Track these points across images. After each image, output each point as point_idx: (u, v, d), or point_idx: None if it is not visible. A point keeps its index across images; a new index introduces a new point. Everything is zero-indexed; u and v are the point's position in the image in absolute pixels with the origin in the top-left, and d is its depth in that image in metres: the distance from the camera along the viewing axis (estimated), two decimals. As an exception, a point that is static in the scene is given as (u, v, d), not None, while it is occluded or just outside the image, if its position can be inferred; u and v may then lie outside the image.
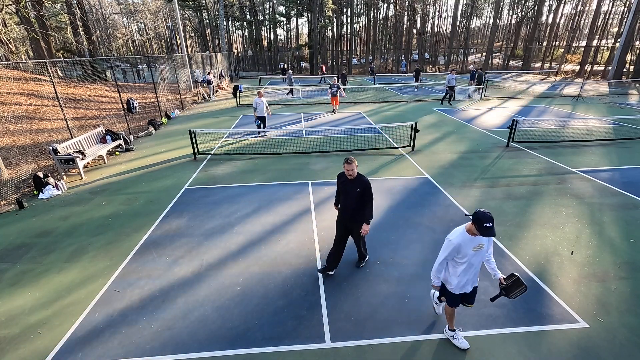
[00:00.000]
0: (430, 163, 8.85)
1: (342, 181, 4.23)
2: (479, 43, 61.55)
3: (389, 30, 48.98)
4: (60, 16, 31.52)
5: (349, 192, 4.13)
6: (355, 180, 4.08)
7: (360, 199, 4.11)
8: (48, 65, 9.93)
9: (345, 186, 4.17)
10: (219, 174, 8.36)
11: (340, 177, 4.27)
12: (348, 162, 3.97)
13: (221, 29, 37.23)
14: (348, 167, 3.98)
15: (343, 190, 4.22)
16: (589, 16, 43.84)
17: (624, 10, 34.34)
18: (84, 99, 17.12)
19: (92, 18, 36.72)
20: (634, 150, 9.64)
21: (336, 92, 15.27)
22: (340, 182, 4.26)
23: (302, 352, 3.45)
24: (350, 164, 3.96)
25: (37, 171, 7.80)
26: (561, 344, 3.47)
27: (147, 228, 5.89)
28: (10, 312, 4.07)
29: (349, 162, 3.97)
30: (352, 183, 4.08)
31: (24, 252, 5.29)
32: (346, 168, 4.01)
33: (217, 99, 21.26)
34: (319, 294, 4.25)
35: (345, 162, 3.99)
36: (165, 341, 3.60)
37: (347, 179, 4.12)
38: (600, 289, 4.22)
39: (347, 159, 3.99)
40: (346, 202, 4.21)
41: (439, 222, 5.89)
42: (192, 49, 53.91)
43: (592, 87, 23.65)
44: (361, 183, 4.06)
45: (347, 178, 4.10)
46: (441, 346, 3.48)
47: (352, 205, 4.17)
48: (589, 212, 6.15)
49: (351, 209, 4.20)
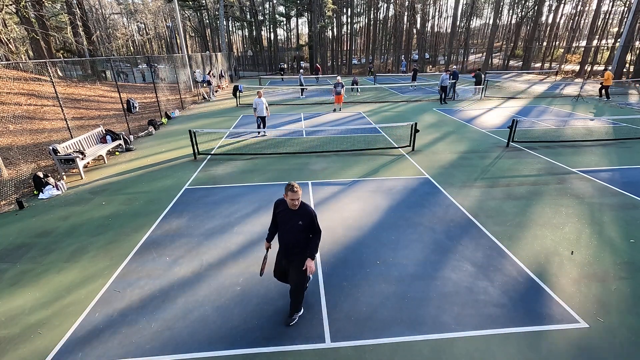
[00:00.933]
0: (430, 163, 8.85)
1: (280, 211, 3.49)
2: (479, 43, 61.55)
3: (389, 30, 48.98)
4: (60, 16, 31.52)
5: (289, 224, 3.43)
6: (298, 210, 3.39)
7: (304, 233, 3.45)
8: (48, 65, 9.92)
9: (284, 217, 3.45)
10: (219, 174, 8.36)
11: (278, 205, 3.56)
12: (293, 190, 3.26)
13: (221, 29, 37.23)
14: (292, 196, 3.27)
15: (282, 222, 3.48)
16: (589, 16, 43.85)
17: (624, 10, 34.35)
18: (84, 99, 17.13)
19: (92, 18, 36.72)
20: (634, 150, 9.64)
21: (340, 91, 15.76)
22: (279, 211, 3.51)
23: (302, 352, 3.45)
24: (296, 192, 3.27)
25: (37, 171, 7.80)
26: (561, 344, 3.47)
27: (147, 228, 5.89)
28: (10, 312, 4.07)
29: (294, 190, 3.26)
30: (294, 214, 3.39)
31: (24, 252, 5.29)
32: (290, 197, 3.29)
33: (217, 99, 21.26)
34: (319, 294, 4.24)
35: (289, 189, 3.28)
36: (165, 341, 3.60)
37: (287, 208, 3.43)
38: (600, 289, 4.22)
39: (291, 186, 3.28)
40: (285, 236, 3.50)
41: (439, 222, 5.89)
42: (192, 49, 53.92)
43: (592, 87, 23.64)
44: (306, 214, 3.40)
45: (288, 208, 3.42)
46: (441, 346, 3.48)
47: (292, 240, 3.47)
48: (589, 212, 6.15)
49: (291, 244, 3.49)
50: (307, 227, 3.44)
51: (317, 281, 4.47)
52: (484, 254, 4.96)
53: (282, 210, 3.47)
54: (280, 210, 3.50)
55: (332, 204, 6.64)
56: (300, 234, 3.44)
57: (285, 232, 3.48)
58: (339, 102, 16.09)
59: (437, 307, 3.98)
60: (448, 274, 4.53)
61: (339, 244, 5.28)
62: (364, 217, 6.08)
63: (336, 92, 15.83)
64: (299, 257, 3.48)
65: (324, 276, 4.56)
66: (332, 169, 8.52)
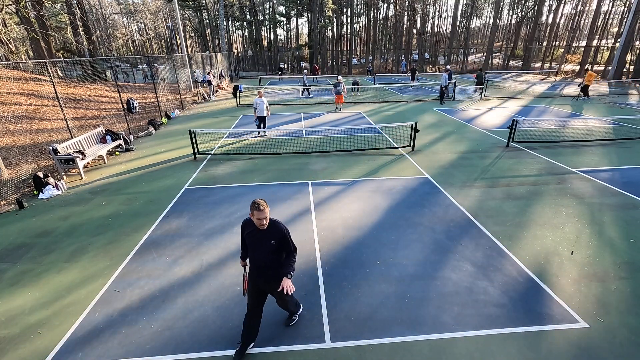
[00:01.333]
0: (430, 163, 8.85)
1: (249, 232, 3.14)
2: (479, 43, 61.55)
3: (389, 30, 48.99)
4: (60, 16, 31.53)
5: (259, 245, 3.10)
6: (268, 230, 3.05)
7: (277, 253, 3.14)
8: (48, 65, 9.93)
9: (254, 239, 3.11)
10: (219, 174, 8.36)
11: (246, 226, 3.21)
12: (258, 209, 2.90)
13: (221, 29, 37.23)
14: (259, 214, 2.91)
15: (251, 244, 3.14)
16: (589, 16, 43.84)
17: (624, 10, 34.34)
18: (84, 99, 17.13)
19: (92, 18, 36.73)
20: (634, 150, 9.64)
21: (341, 91, 15.93)
22: (247, 233, 3.17)
23: (302, 352, 3.45)
24: (262, 210, 2.91)
25: (37, 171, 7.80)
26: (561, 344, 3.47)
27: (147, 228, 5.89)
28: (10, 312, 4.07)
29: (259, 209, 2.90)
30: (265, 234, 3.06)
31: (24, 252, 5.29)
32: (256, 217, 2.93)
33: (217, 99, 21.26)
34: (319, 294, 4.24)
35: (254, 208, 2.92)
36: (165, 341, 3.60)
37: (256, 229, 3.08)
38: (600, 289, 4.22)
39: (256, 205, 2.92)
40: (257, 258, 3.16)
41: (439, 222, 5.89)
42: (192, 49, 53.93)
43: (592, 87, 23.63)
44: (277, 232, 3.08)
45: (257, 228, 3.06)
46: (441, 346, 3.48)
47: (264, 261, 3.13)
48: (589, 212, 6.15)
49: (264, 267, 3.16)
50: (280, 247, 3.12)
51: (317, 281, 4.47)
52: (484, 254, 4.96)
53: (251, 232, 3.12)
54: (248, 232, 3.15)
55: (332, 204, 6.64)
56: (273, 255, 3.12)
57: (257, 254, 3.14)
58: (339, 101, 16.23)
59: (437, 307, 3.98)
60: (448, 274, 4.53)
61: (339, 244, 5.28)
62: (364, 217, 6.08)
63: (336, 91, 15.99)
64: (277, 281, 3.11)
65: (324, 276, 4.56)
66: (332, 169, 8.52)
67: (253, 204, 2.94)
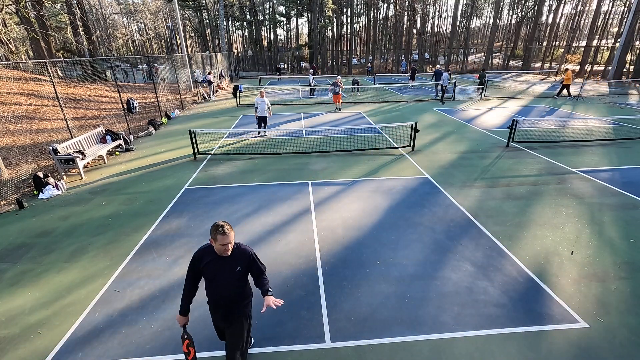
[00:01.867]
0: (430, 163, 8.85)
1: (207, 263, 2.64)
2: (479, 43, 61.55)
3: (389, 30, 49.00)
4: (60, 16, 31.53)
5: (222, 275, 2.65)
6: (232, 256, 2.63)
7: (243, 280, 2.74)
8: (48, 65, 9.93)
9: (214, 269, 2.64)
10: (219, 174, 8.36)
11: (200, 257, 2.67)
12: (223, 233, 2.47)
13: (221, 29, 37.23)
14: (223, 239, 2.48)
15: (211, 277, 2.67)
16: (589, 16, 43.85)
17: (624, 10, 34.34)
18: (84, 99, 17.12)
19: (92, 18, 36.73)
20: (634, 150, 9.64)
21: (338, 91, 16.05)
22: (204, 264, 2.64)
23: (302, 352, 3.45)
24: (227, 234, 2.49)
25: (37, 171, 7.80)
26: (561, 344, 3.47)
27: (147, 228, 5.89)
28: (10, 312, 4.07)
29: (224, 232, 2.48)
30: (228, 261, 2.63)
31: (24, 252, 5.29)
32: (220, 242, 2.49)
33: (217, 99, 21.26)
34: (319, 294, 4.24)
35: (218, 232, 2.47)
36: (165, 341, 3.60)
37: (217, 257, 2.62)
38: (600, 289, 4.22)
39: (220, 228, 2.48)
40: (219, 290, 2.70)
41: (439, 222, 5.89)
42: (192, 49, 53.93)
43: (592, 87, 23.64)
44: (243, 255, 2.69)
45: (218, 256, 2.61)
46: (441, 346, 3.48)
47: (228, 292, 2.71)
48: (589, 212, 6.15)
49: (229, 299, 2.74)
50: (246, 271, 2.71)
51: (317, 281, 4.47)
52: (483, 254, 4.96)
53: (210, 261, 2.63)
54: (206, 263, 2.63)
55: (332, 204, 6.64)
56: (239, 282, 2.70)
57: (219, 286, 2.67)
58: (336, 101, 16.32)
59: (437, 307, 3.98)
60: (448, 274, 4.53)
61: (339, 244, 5.28)
62: (364, 217, 6.08)
63: (334, 91, 16.14)
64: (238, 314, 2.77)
65: (324, 276, 4.56)
66: (332, 169, 8.52)
67: (216, 227, 2.49)
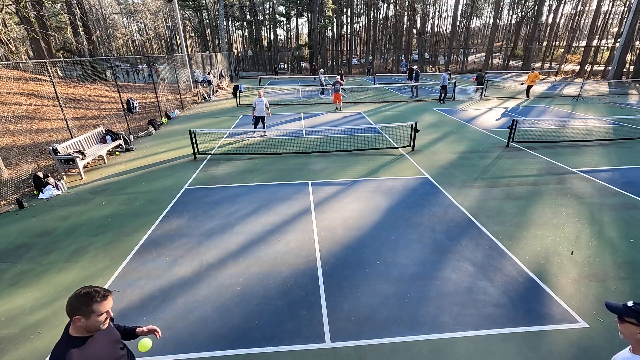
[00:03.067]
0: (430, 163, 8.85)
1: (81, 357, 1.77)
2: (479, 43, 61.55)
3: (389, 30, 49.00)
4: (60, 16, 31.53)
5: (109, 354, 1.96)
6: (108, 329, 2.01)
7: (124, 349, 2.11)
8: (48, 65, 9.91)
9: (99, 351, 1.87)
10: (219, 174, 8.36)
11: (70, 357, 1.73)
12: (105, 297, 1.81)
13: (221, 29, 37.23)
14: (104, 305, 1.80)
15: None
16: (589, 16, 43.86)
17: (624, 10, 34.34)
18: (84, 99, 17.12)
19: (92, 18, 36.72)
20: (634, 150, 9.64)
21: (338, 89, 16.12)
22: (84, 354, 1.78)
23: (302, 352, 3.45)
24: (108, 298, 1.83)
25: (37, 171, 7.80)
26: (561, 344, 3.47)
27: (147, 228, 5.89)
28: (10, 312, 4.07)
29: (105, 296, 1.81)
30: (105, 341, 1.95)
31: (24, 252, 5.29)
32: (101, 309, 1.79)
33: (217, 99, 21.26)
34: (319, 294, 4.24)
35: (97, 299, 1.77)
36: (165, 341, 3.60)
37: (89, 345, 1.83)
38: (600, 289, 4.22)
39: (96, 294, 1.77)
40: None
41: (439, 222, 5.89)
42: (192, 49, 53.91)
43: (592, 87, 23.64)
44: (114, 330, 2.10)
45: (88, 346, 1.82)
46: (441, 346, 3.48)
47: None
48: (589, 212, 6.15)
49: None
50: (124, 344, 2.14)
51: (317, 281, 4.47)
52: (483, 254, 4.96)
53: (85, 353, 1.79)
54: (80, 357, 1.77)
55: (332, 204, 6.64)
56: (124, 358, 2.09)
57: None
58: (337, 101, 16.34)
59: (437, 307, 3.98)
60: (448, 274, 4.53)
61: (339, 243, 5.28)
62: (364, 217, 6.08)
63: (334, 89, 16.22)
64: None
65: (324, 276, 4.56)
66: (332, 169, 8.52)
67: (90, 295, 1.76)
